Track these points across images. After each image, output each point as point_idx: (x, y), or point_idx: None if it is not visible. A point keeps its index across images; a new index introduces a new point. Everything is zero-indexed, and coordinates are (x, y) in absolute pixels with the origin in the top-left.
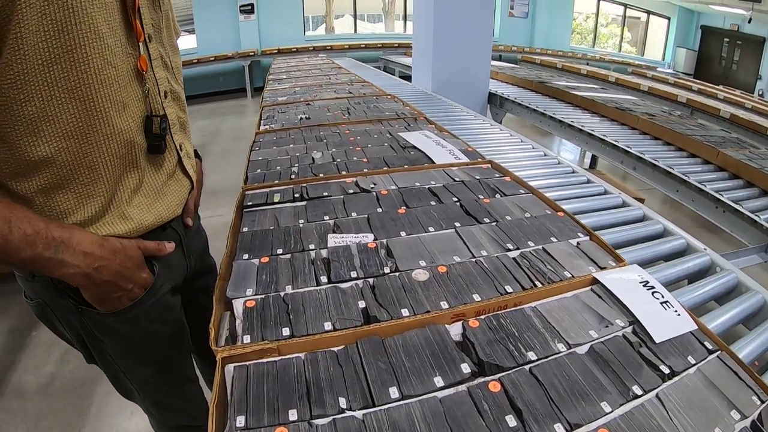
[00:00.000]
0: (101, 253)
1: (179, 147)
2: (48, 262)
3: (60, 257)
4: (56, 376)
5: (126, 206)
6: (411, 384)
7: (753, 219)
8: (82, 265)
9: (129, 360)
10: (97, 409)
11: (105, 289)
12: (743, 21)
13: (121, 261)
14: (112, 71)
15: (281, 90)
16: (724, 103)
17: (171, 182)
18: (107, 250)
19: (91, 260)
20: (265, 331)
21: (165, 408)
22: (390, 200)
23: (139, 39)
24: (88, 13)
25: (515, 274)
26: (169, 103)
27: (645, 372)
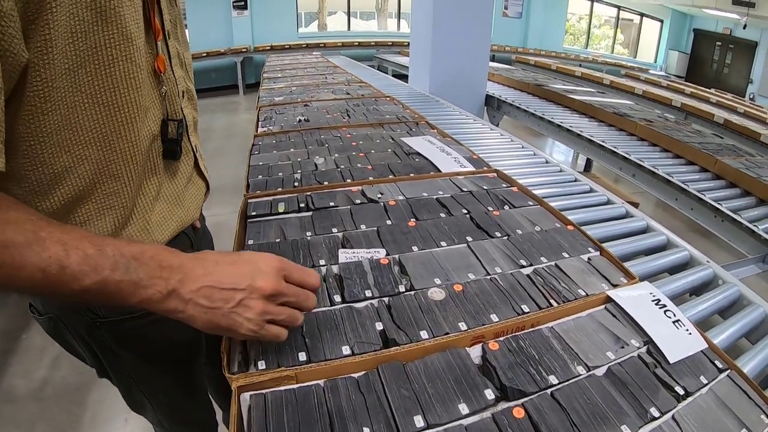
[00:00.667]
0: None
1: (195, 148)
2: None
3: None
4: (48, 382)
5: (149, 215)
6: (436, 412)
7: (751, 229)
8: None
9: (145, 371)
10: (91, 416)
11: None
12: (735, 25)
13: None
14: (138, 73)
15: (277, 89)
16: (717, 107)
17: (189, 186)
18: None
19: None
20: (281, 356)
21: (178, 419)
22: (398, 211)
23: (157, 37)
24: (117, 13)
25: (530, 293)
26: (186, 103)
27: (661, 393)
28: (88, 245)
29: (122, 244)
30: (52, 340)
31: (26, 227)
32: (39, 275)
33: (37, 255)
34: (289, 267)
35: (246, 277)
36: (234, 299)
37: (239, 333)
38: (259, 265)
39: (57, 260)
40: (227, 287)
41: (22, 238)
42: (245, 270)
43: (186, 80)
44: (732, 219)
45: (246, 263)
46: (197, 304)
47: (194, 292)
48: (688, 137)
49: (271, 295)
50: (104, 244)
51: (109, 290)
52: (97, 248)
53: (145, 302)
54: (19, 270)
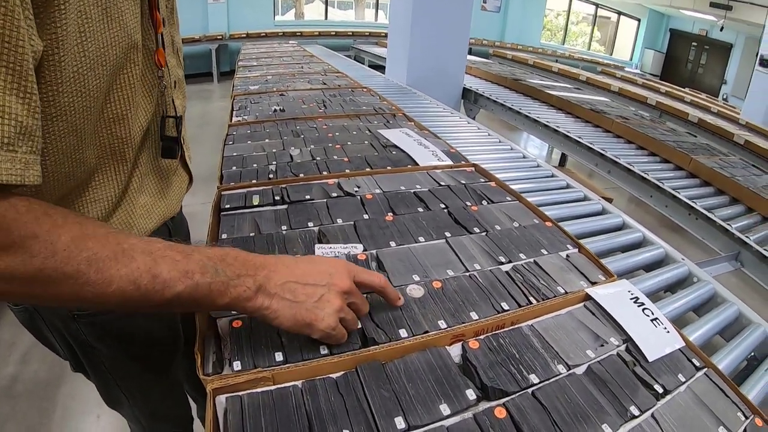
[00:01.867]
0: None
1: (182, 140)
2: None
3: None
4: (18, 378)
5: (133, 208)
6: (417, 413)
7: (725, 227)
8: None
9: (123, 366)
10: (62, 412)
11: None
12: (712, 27)
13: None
14: (134, 71)
15: (252, 78)
16: (692, 107)
17: (174, 179)
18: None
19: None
20: (257, 356)
21: (155, 416)
22: (375, 205)
23: (158, 29)
24: (120, 8)
25: (510, 290)
26: (177, 94)
27: (641, 392)
28: (174, 253)
29: (205, 249)
30: (21, 335)
31: (109, 240)
32: (130, 288)
33: (126, 267)
34: (356, 269)
35: (324, 275)
36: (316, 294)
37: (318, 329)
38: (333, 265)
39: (147, 270)
40: (309, 283)
41: (108, 251)
42: (323, 268)
43: (177, 68)
44: (706, 217)
45: (322, 263)
46: (283, 298)
47: (279, 286)
48: (663, 135)
49: (346, 293)
50: (188, 251)
51: (201, 293)
52: (183, 255)
53: (235, 300)
54: (108, 285)
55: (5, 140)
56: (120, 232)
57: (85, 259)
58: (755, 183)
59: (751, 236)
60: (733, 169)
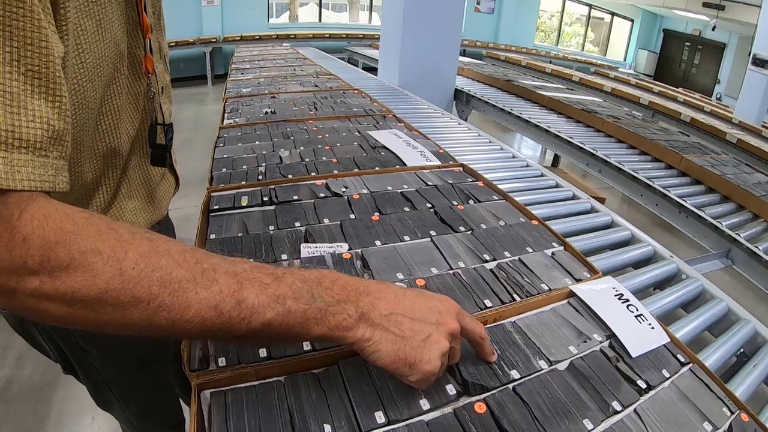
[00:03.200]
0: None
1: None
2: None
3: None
4: (13, 381)
5: (121, 213)
6: (397, 408)
7: (715, 225)
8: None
9: (114, 368)
10: (57, 415)
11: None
12: (705, 26)
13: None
14: (122, 79)
15: (245, 81)
16: (685, 106)
17: (161, 183)
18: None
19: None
20: (241, 353)
21: (146, 417)
22: (362, 205)
23: (146, 35)
24: (110, 19)
25: (493, 287)
26: (164, 99)
27: (623, 387)
28: (263, 275)
29: (298, 271)
30: (15, 338)
31: (186, 258)
32: (211, 314)
33: (207, 290)
34: (463, 313)
35: (434, 312)
36: (424, 332)
37: (421, 370)
38: (443, 302)
39: (231, 294)
40: (417, 318)
41: (184, 271)
42: (432, 304)
43: (164, 73)
44: (696, 215)
45: (431, 298)
46: (387, 330)
47: (385, 317)
48: (655, 135)
49: (453, 335)
50: (279, 273)
51: (294, 321)
52: (273, 278)
53: (334, 330)
54: (185, 311)
55: (38, 144)
56: (198, 250)
57: (157, 280)
58: (746, 181)
59: (741, 233)
60: (724, 167)
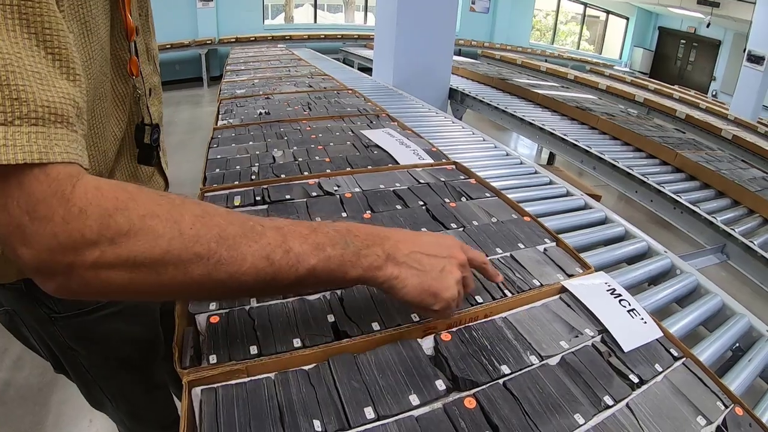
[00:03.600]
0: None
1: (159, 146)
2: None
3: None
4: (10, 384)
5: None
6: (386, 403)
7: (710, 220)
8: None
9: (103, 367)
10: (54, 417)
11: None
12: (700, 24)
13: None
14: (105, 81)
15: (239, 82)
16: (680, 103)
17: (150, 184)
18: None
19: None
20: (232, 350)
21: (138, 418)
22: (354, 204)
23: (131, 38)
24: (96, 21)
25: (484, 283)
26: (153, 100)
27: (615, 382)
28: (302, 228)
29: (328, 224)
30: (12, 340)
31: (234, 217)
32: (264, 264)
33: (257, 243)
34: (465, 245)
35: (444, 248)
36: (440, 265)
37: (444, 297)
38: (449, 239)
39: (279, 245)
40: (432, 254)
41: (236, 228)
42: (442, 242)
43: (153, 75)
44: (691, 211)
45: (440, 237)
46: (410, 266)
47: (407, 255)
48: (650, 131)
49: (463, 265)
50: (314, 226)
51: (334, 265)
52: (310, 229)
53: (367, 270)
54: (242, 263)
55: (70, 119)
56: (240, 213)
57: (214, 237)
58: (741, 176)
59: (736, 228)
60: (719, 163)
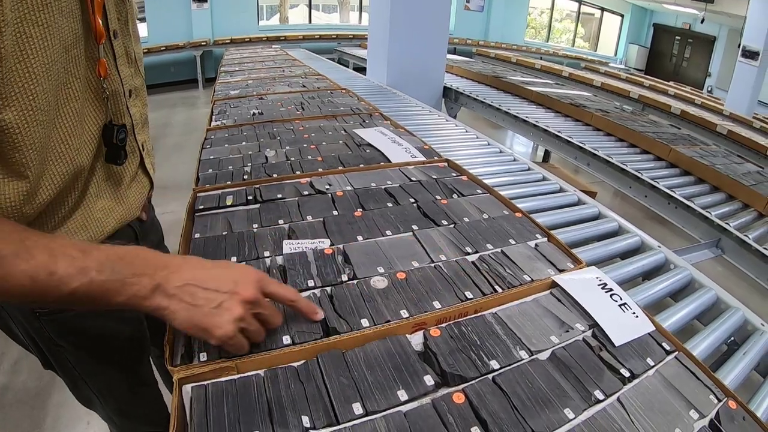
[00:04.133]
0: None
1: (141, 146)
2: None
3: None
4: (8, 388)
5: (90, 212)
6: (375, 399)
7: (704, 215)
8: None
9: (89, 364)
10: (52, 420)
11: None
12: (695, 20)
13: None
14: (75, 83)
15: (233, 83)
16: (675, 99)
17: (133, 185)
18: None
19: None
20: (222, 348)
21: (127, 415)
22: (346, 202)
23: (99, 41)
24: (58, 25)
25: (475, 279)
26: (134, 101)
27: (606, 376)
28: (74, 251)
29: (108, 248)
30: (9, 344)
31: (13, 238)
32: (28, 282)
33: (25, 263)
34: (267, 280)
35: (228, 282)
36: (216, 300)
37: (215, 335)
38: (241, 273)
39: (44, 266)
40: (211, 288)
41: (10, 248)
42: (228, 275)
43: (134, 78)
44: (685, 206)
45: (229, 269)
46: (181, 300)
47: (178, 288)
48: (644, 127)
49: (249, 302)
50: (90, 249)
51: (96, 291)
52: (82, 253)
53: (132, 299)
54: (7, 279)
55: None
56: (29, 231)
57: None
58: (736, 171)
59: (731, 223)
60: (714, 158)
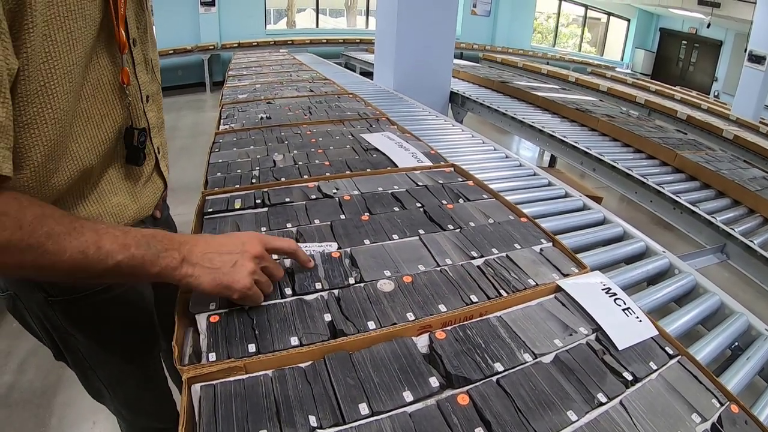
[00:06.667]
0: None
1: (157, 150)
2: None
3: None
4: (15, 387)
5: (103, 208)
6: (380, 399)
7: (709, 220)
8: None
9: (99, 354)
10: (58, 420)
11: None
12: (701, 25)
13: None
14: (101, 88)
15: (241, 87)
16: (681, 104)
17: (147, 185)
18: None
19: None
20: (231, 348)
21: (135, 409)
22: (353, 206)
23: (122, 51)
24: (82, 32)
25: (480, 283)
26: (151, 107)
27: (609, 379)
28: (115, 231)
29: (139, 230)
30: (17, 344)
31: (64, 220)
32: (79, 256)
33: (77, 240)
34: (268, 238)
35: (238, 244)
36: (231, 261)
37: (236, 288)
38: (246, 235)
39: (93, 243)
40: (225, 252)
41: (63, 228)
42: (236, 239)
43: (150, 84)
44: (690, 211)
45: (236, 236)
46: (203, 266)
47: (200, 257)
48: (650, 132)
49: (257, 257)
50: (127, 229)
51: (136, 263)
52: (122, 232)
53: (165, 270)
54: (62, 254)
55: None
56: (72, 214)
57: (45, 233)
58: (741, 176)
59: (736, 228)
60: (719, 163)
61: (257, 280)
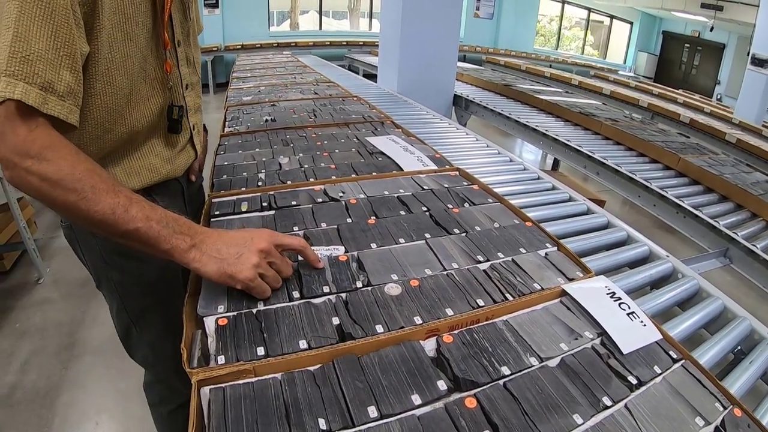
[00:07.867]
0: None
1: (192, 127)
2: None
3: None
4: (17, 387)
5: (141, 162)
6: (389, 403)
7: (712, 224)
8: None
9: (130, 287)
10: (61, 420)
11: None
12: (704, 28)
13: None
14: (146, 73)
15: (246, 89)
16: (684, 107)
17: (182, 153)
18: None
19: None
20: (239, 351)
21: (159, 353)
22: (359, 210)
23: (166, 48)
24: (136, 35)
25: (486, 287)
26: (189, 93)
27: (614, 383)
28: (146, 204)
29: (168, 211)
30: (19, 344)
31: (109, 181)
32: (109, 212)
33: (112, 198)
34: (277, 234)
35: (246, 239)
36: (237, 253)
37: (238, 278)
38: (255, 231)
39: (123, 205)
40: (233, 244)
41: (105, 186)
42: (246, 234)
43: (192, 75)
44: (693, 215)
45: (247, 231)
46: (211, 255)
47: (210, 246)
48: (653, 136)
49: (263, 252)
50: (156, 207)
51: (152, 235)
52: (151, 207)
53: (174, 249)
54: (97, 204)
55: (60, 93)
56: (117, 181)
57: (89, 184)
58: (744, 180)
59: (739, 232)
60: (722, 167)
61: (262, 273)
